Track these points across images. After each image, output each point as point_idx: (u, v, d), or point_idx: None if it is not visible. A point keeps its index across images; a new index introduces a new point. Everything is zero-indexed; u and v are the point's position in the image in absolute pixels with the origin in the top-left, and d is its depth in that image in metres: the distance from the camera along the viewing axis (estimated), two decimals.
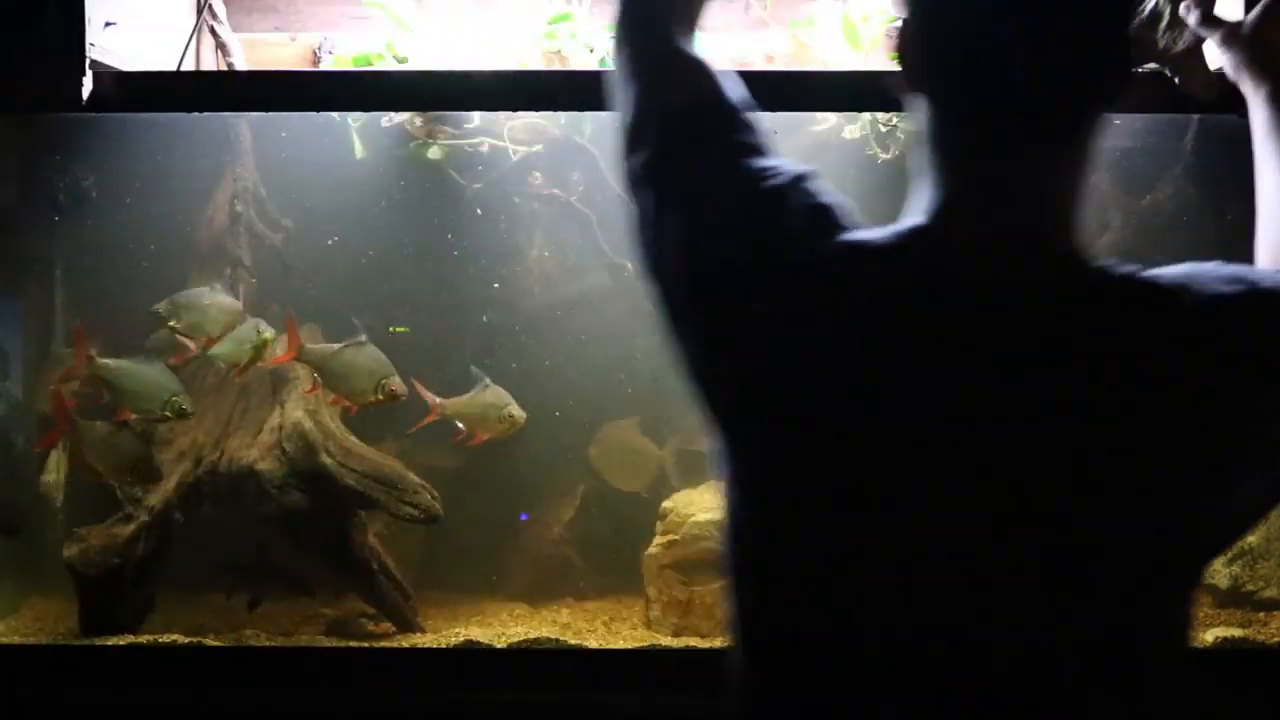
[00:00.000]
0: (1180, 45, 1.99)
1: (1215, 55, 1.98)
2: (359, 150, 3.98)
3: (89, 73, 2.99)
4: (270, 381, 3.94)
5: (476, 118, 3.91)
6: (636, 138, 1.57)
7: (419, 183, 4.07)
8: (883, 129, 3.92)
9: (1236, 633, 3.40)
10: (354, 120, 3.94)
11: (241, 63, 3.67)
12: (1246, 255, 1.67)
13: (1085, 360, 1.31)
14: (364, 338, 3.76)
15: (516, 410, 3.91)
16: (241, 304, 3.85)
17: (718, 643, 3.62)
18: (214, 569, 3.85)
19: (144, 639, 3.53)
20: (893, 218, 1.51)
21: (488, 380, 3.95)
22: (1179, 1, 1.98)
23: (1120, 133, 3.77)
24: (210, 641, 3.50)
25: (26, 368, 4.19)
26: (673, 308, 1.51)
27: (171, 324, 3.73)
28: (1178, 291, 1.34)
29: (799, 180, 1.51)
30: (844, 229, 1.46)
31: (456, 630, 3.71)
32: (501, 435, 3.92)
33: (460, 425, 3.91)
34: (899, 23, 1.45)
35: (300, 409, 3.80)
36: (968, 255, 1.36)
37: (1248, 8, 1.52)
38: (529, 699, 3.32)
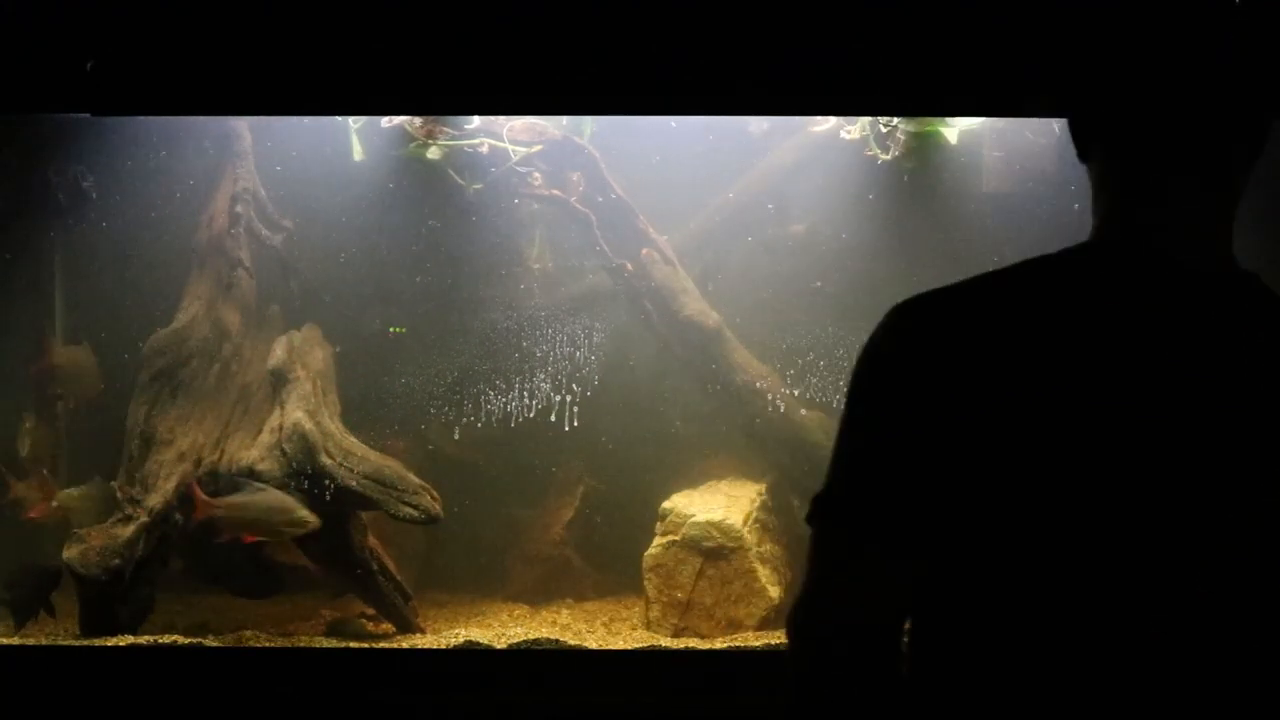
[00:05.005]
0: None
1: None
2: (358, 152, 3.98)
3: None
4: (270, 382, 3.94)
5: (476, 118, 3.91)
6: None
7: (419, 183, 4.08)
8: (883, 129, 3.92)
9: None
10: (354, 122, 3.95)
11: None
12: (1245, 255, 1.68)
13: (1249, 359, 1.42)
14: None
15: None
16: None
17: (718, 644, 3.62)
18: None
19: (144, 639, 3.53)
20: (892, 216, 1.52)
21: None
22: None
23: None
24: (210, 642, 3.50)
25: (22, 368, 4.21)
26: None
27: None
28: None
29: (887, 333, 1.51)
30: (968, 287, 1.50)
31: (456, 630, 3.72)
32: None
33: None
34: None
35: (300, 410, 3.80)
36: (1141, 265, 1.46)
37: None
38: (529, 699, 3.32)
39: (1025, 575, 1.40)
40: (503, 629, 3.74)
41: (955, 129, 3.89)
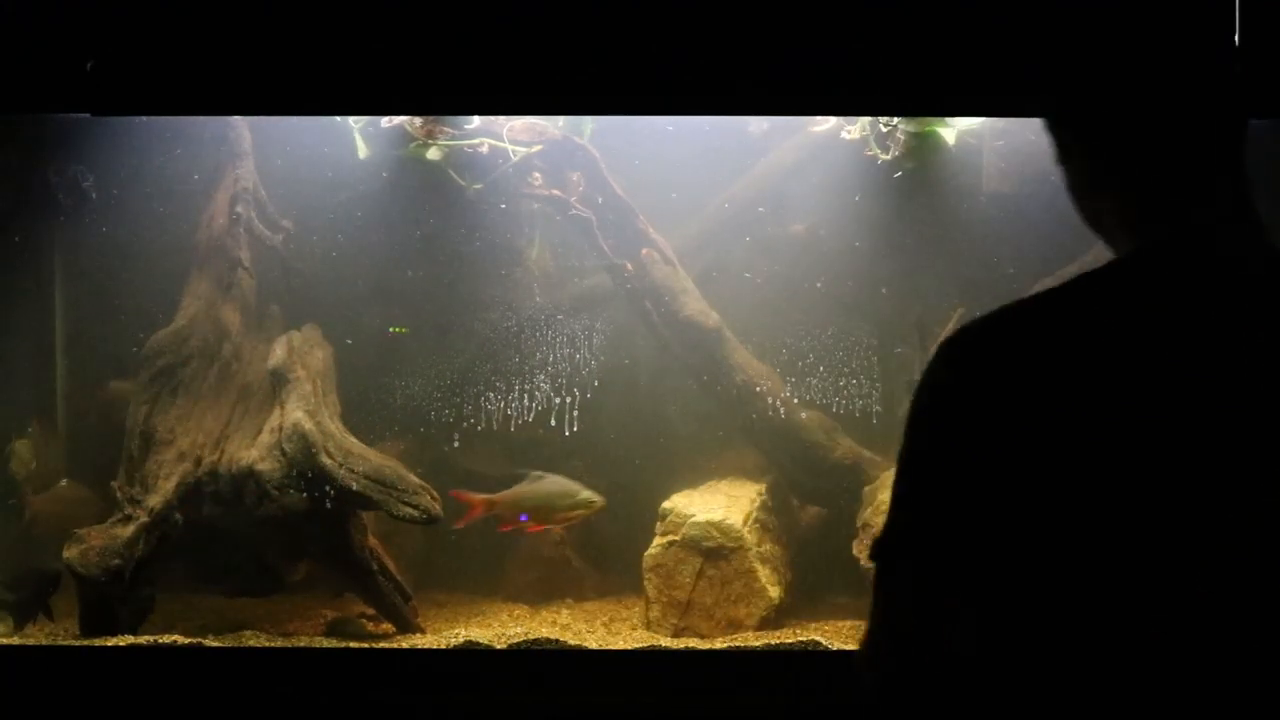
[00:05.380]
0: None
1: None
2: (362, 150, 3.98)
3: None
4: (270, 382, 3.94)
5: (476, 118, 3.91)
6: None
7: (419, 183, 4.08)
8: (883, 129, 3.92)
9: None
10: (355, 122, 3.95)
11: None
12: None
13: None
14: None
15: None
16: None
17: (718, 644, 3.62)
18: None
19: (144, 639, 3.53)
20: (892, 216, 1.51)
21: None
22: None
23: None
24: (210, 642, 3.50)
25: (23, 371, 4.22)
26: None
27: None
28: None
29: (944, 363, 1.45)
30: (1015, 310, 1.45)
31: (456, 630, 3.71)
32: None
33: None
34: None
35: (300, 409, 3.79)
36: (1210, 270, 1.42)
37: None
38: (529, 699, 3.32)
39: (1104, 609, 1.36)
40: (503, 629, 3.74)
41: (955, 129, 3.89)
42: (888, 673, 1.44)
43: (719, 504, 3.89)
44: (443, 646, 3.56)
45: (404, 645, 3.63)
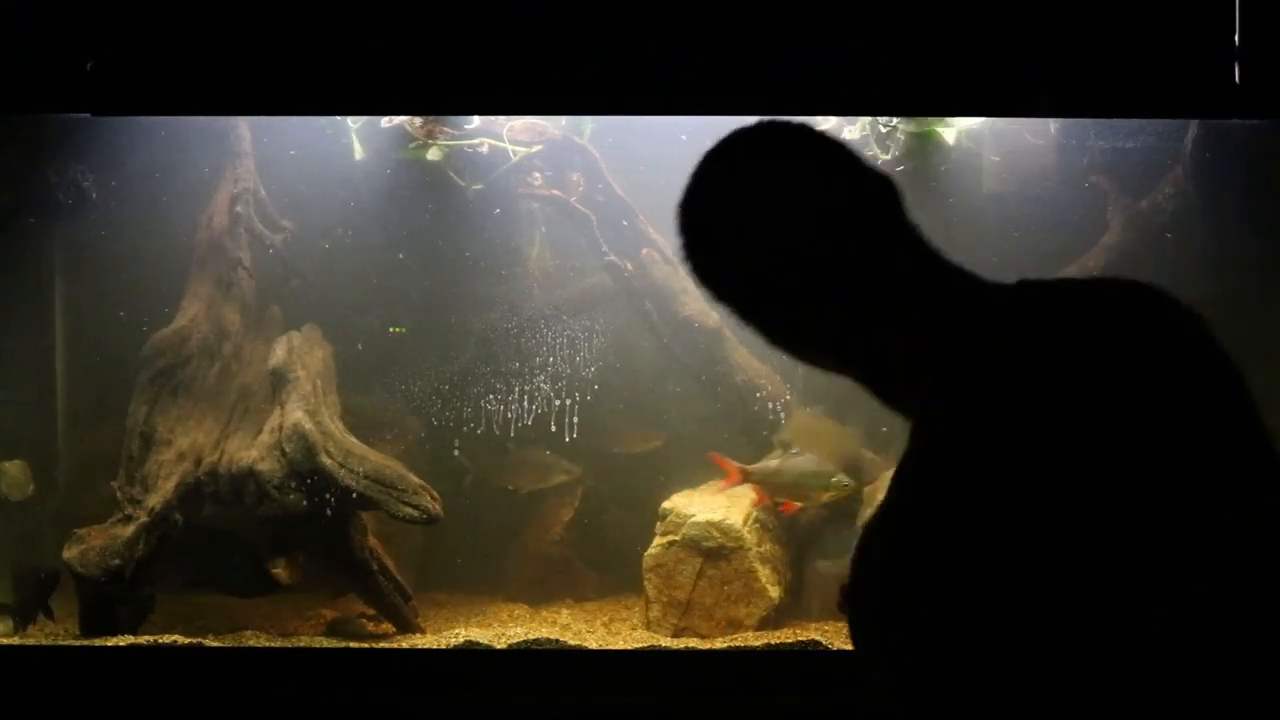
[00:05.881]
0: None
1: None
2: (358, 152, 3.98)
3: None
4: (270, 382, 3.94)
5: (476, 118, 3.91)
6: None
7: (419, 184, 4.08)
8: (883, 129, 3.92)
9: None
10: (354, 122, 3.95)
11: None
12: (1242, 253, 1.67)
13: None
14: None
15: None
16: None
17: (718, 644, 3.62)
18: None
19: (144, 639, 3.53)
20: None
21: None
22: None
23: (1120, 134, 3.77)
24: (210, 642, 3.50)
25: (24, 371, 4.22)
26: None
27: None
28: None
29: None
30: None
31: (456, 630, 3.72)
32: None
33: None
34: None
35: (300, 409, 3.79)
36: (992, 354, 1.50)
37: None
38: (529, 699, 3.32)
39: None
40: (503, 629, 3.74)
41: (955, 129, 3.89)
42: None
43: (719, 504, 3.89)
44: (443, 646, 3.56)
45: (404, 645, 3.64)
